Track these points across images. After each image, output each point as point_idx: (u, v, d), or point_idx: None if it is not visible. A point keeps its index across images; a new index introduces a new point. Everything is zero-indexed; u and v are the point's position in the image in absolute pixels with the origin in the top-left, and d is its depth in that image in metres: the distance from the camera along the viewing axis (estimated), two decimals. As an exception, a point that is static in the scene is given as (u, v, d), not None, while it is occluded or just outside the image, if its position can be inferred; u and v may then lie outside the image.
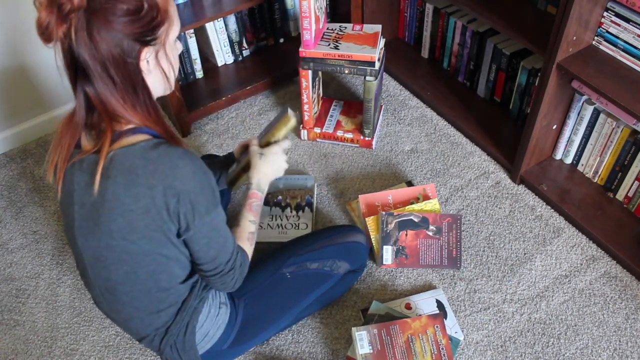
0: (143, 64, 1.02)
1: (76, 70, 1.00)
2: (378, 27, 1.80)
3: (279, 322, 1.42)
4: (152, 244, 1.08)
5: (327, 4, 2.27)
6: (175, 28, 1.07)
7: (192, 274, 1.19)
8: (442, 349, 1.40)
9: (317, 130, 2.00)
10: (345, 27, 1.88)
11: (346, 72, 1.83)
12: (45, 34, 0.93)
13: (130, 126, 1.06)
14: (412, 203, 1.72)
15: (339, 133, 1.99)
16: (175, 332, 1.21)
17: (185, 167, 1.04)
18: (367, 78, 1.82)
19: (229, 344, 1.32)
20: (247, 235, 1.27)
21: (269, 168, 1.36)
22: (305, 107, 1.94)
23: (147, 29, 1.00)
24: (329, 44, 1.82)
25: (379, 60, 1.81)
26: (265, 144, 1.39)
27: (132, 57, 1.00)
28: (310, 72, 1.85)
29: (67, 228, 1.17)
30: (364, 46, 1.80)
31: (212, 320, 1.26)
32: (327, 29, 1.89)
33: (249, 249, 1.27)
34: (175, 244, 1.10)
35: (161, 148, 1.04)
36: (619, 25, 1.46)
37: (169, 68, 1.09)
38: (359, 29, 1.84)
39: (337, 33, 1.86)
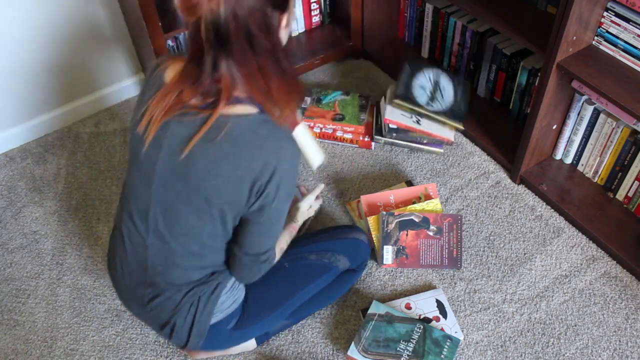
0: (282, 32, 1.05)
1: (214, 43, 1.00)
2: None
3: (278, 312, 1.41)
4: (225, 211, 1.13)
5: (327, 4, 2.27)
6: None
7: None
8: None
9: (317, 130, 2.00)
10: None
11: None
12: (192, 9, 0.96)
13: (244, 95, 1.07)
14: (413, 202, 1.72)
15: (339, 133, 1.99)
16: (204, 288, 1.25)
17: (288, 149, 1.08)
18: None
19: (232, 325, 1.34)
20: (281, 245, 1.37)
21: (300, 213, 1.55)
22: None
23: None
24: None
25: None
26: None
27: (274, 24, 1.02)
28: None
29: (138, 170, 1.18)
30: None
31: (234, 292, 1.31)
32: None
33: (277, 256, 1.33)
34: (229, 222, 1.15)
35: (270, 125, 1.07)
36: (619, 25, 1.46)
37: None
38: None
39: None
